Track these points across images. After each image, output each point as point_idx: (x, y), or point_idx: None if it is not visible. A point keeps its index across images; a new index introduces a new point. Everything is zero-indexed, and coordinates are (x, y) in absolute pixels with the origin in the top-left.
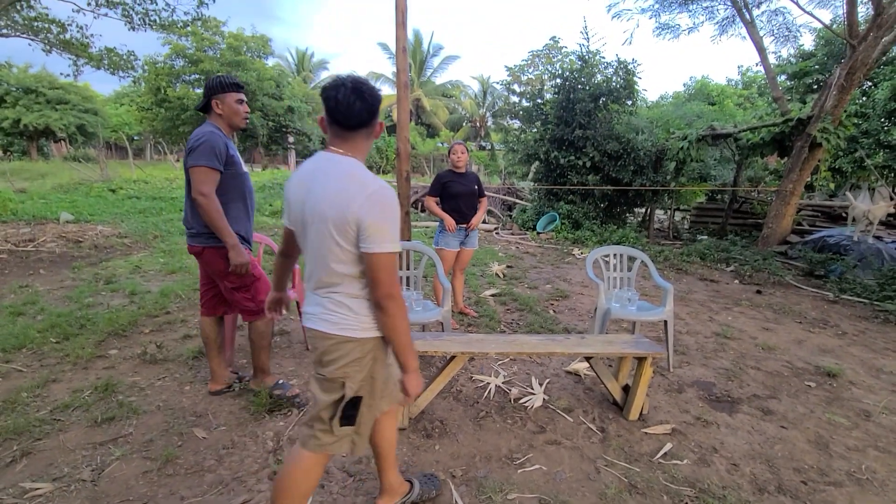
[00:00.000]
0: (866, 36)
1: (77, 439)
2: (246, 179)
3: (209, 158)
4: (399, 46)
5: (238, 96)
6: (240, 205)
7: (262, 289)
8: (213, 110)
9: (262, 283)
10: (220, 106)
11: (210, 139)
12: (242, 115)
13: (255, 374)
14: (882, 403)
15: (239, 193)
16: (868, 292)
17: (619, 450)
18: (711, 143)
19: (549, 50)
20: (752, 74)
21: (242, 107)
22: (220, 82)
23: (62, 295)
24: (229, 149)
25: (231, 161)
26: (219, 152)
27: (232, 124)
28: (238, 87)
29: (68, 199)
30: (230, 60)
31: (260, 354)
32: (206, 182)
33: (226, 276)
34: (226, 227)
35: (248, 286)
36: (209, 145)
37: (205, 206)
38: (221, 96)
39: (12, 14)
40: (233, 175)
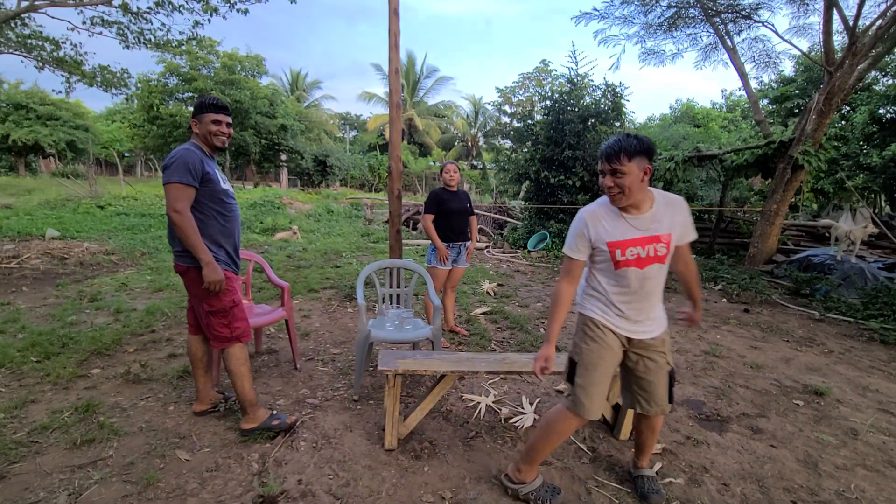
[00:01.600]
0: (842, 63)
1: (54, 462)
2: (227, 196)
3: (182, 175)
4: (391, 68)
5: (214, 117)
6: (220, 222)
7: (239, 315)
8: (192, 129)
9: (239, 310)
10: (198, 126)
11: (184, 155)
12: (216, 134)
13: (245, 410)
14: (869, 422)
15: (218, 211)
16: (853, 311)
17: (610, 470)
18: (697, 164)
19: (539, 73)
20: (736, 98)
21: (220, 127)
22: (199, 103)
23: (45, 313)
24: (205, 165)
25: (208, 178)
26: (193, 169)
27: (209, 143)
28: (216, 107)
29: (55, 215)
30: (224, 79)
31: (243, 384)
32: (179, 199)
33: (204, 298)
34: (199, 244)
35: (226, 311)
36: (182, 161)
37: (178, 223)
38: (199, 116)
39: (6, 31)
40: (211, 192)
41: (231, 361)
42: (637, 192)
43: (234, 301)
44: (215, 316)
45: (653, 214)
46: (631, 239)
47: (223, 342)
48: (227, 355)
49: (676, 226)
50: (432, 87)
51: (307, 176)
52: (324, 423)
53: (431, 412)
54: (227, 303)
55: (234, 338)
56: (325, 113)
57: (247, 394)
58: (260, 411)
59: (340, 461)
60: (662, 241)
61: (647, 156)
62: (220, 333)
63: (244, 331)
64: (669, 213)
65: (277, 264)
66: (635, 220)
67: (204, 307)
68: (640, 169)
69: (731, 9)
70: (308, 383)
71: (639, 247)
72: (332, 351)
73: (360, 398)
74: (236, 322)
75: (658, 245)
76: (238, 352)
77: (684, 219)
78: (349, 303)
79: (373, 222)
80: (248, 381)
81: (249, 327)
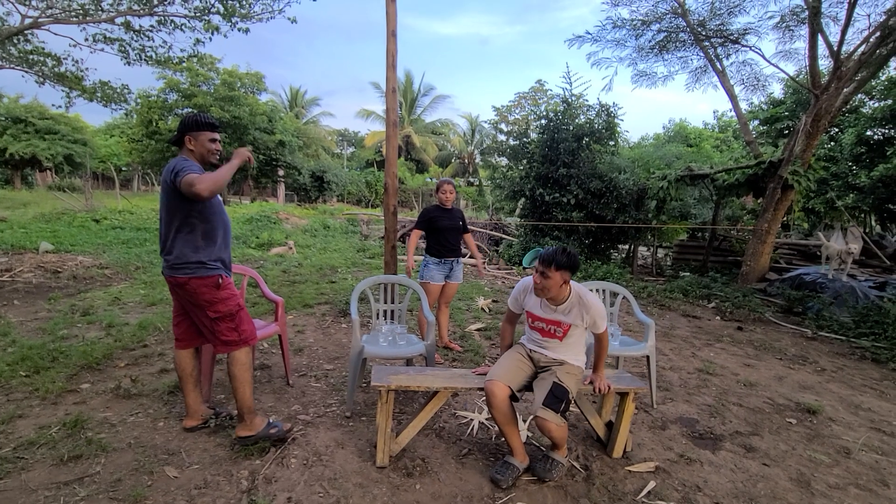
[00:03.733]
0: (828, 87)
1: (40, 479)
2: (221, 208)
3: (192, 169)
4: (389, 87)
5: (212, 135)
6: (219, 233)
7: (245, 318)
8: (186, 145)
9: (244, 313)
10: (193, 143)
11: (191, 165)
12: (214, 152)
13: (242, 417)
14: (861, 440)
15: (218, 220)
16: (844, 329)
17: (603, 488)
18: (690, 183)
19: (534, 92)
20: (728, 119)
21: (215, 145)
22: (195, 120)
23: (36, 327)
24: None
25: None
26: (199, 170)
27: (203, 160)
28: (213, 126)
29: (50, 228)
30: (224, 95)
31: (245, 390)
32: (196, 178)
33: (210, 305)
34: (227, 170)
35: (233, 315)
36: (190, 163)
37: (211, 188)
38: (195, 133)
39: (8, 47)
40: (211, 204)
41: (236, 366)
42: (554, 292)
43: (240, 304)
44: (223, 321)
45: (564, 308)
46: (540, 317)
47: (232, 346)
48: (233, 359)
49: (581, 320)
50: (430, 105)
51: (304, 191)
52: (315, 440)
53: (424, 429)
54: (234, 307)
55: (242, 341)
56: (324, 129)
57: (247, 400)
58: (257, 419)
59: (331, 479)
60: (562, 328)
61: (571, 270)
62: (229, 338)
63: (251, 334)
64: (580, 311)
65: (272, 279)
66: (547, 306)
67: (209, 314)
68: (562, 278)
69: (720, 34)
70: (300, 399)
71: (543, 323)
72: (326, 367)
73: (353, 414)
74: (243, 325)
75: (557, 329)
76: (244, 356)
77: (592, 316)
78: (343, 318)
79: (369, 238)
80: (250, 387)
81: (255, 330)
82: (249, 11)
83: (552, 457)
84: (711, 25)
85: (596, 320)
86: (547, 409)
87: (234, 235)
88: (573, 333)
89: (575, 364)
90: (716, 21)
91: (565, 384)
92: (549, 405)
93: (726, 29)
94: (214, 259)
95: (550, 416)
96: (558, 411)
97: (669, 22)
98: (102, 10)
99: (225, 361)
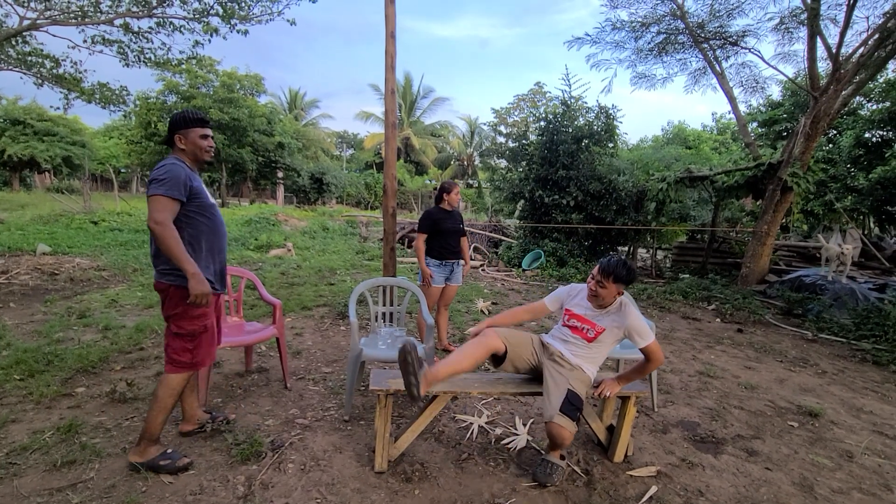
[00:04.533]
0: (827, 89)
1: (33, 485)
2: (214, 210)
3: (171, 188)
4: (388, 89)
5: (202, 131)
6: (209, 237)
7: (205, 341)
8: (177, 145)
9: (208, 336)
10: (184, 141)
11: (173, 169)
12: (206, 149)
13: (140, 441)
14: (864, 444)
15: (207, 226)
16: (845, 331)
17: (605, 493)
18: (689, 184)
19: (533, 94)
20: (726, 121)
21: (206, 142)
22: (183, 118)
23: (31, 329)
24: (192, 180)
25: (196, 192)
26: (181, 183)
27: (196, 159)
28: (202, 122)
29: (47, 230)
30: (223, 97)
31: (157, 417)
32: (161, 210)
33: (180, 318)
34: (183, 255)
35: (195, 336)
36: (172, 175)
37: (160, 234)
38: (185, 131)
39: (7, 49)
40: (200, 206)
41: (163, 388)
42: (608, 300)
43: (206, 327)
44: (181, 339)
45: (604, 311)
46: (577, 314)
47: (178, 368)
48: (165, 381)
49: (617, 327)
50: (429, 107)
51: (303, 193)
52: (313, 445)
53: (423, 433)
54: (199, 327)
55: (191, 365)
56: (323, 131)
57: (154, 427)
58: (153, 448)
59: (329, 484)
60: (595, 330)
61: (627, 284)
62: (180, 359)
63: (204, 357)
64: (617, 318)
65: (271, 281)
66: (589, 307)
67: (172, 328)
68: (617, 290)
69: (719, 36)
70: (298, 403)
71: (577, 321)
72: (324, 370)
73: (351, 418)
74: (201, 348)
75: (590, 329)
76: (177, 382)
77: (628, 328)
78: (342, 321)
79: (368, 240)
80: (165, 415)
81: (213, 352)
82: (248, 13)
83: (550, 460)
84: (710, 27)
85: (633, 332)
86: (564, 416)
87: (233, 237)
88: (603, 340)
89: (587, 373)
90: (715, 23)
91: (579, 392)
92: (567, 412)
93: (725, 31)
94: (204, 270)
95: (567, 423)
96: (574, 419)
97: (668, 24)
98: (101, 11)
99: (224, 363)
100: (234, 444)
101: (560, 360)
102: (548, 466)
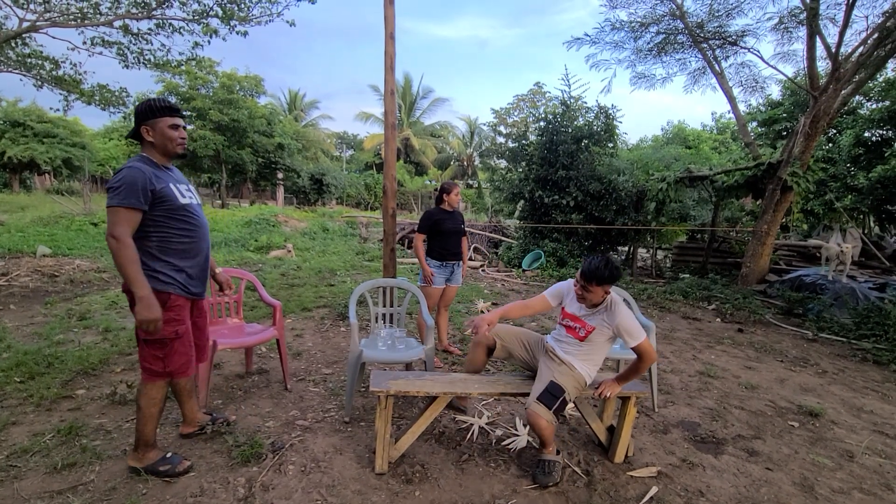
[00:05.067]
0: (826, 88)
1: (33, 487)
2: (189, 212)
3: (126, 197)
4: (387, 90)
5: (172, 121)
6: (180, 242)
7: (178, 349)
8: (144, 137)
9: (180, 343)
10: (151, 133)
11: (129, 175)
12: (178, 140)
13: (137, 447)
14: (864, 444)
15: (178, 229)
16: (845, 331)
17: (605, 494)
18: (689, 184)
19: (533, 94)
20: (726, 120)
21: (177, 132)
22: (149, 106)
23: (31, 331)
24: (157, 182)
25: (162, 196)
26: (141, 190)
27: (167, 152)
28: (172, 110)
29: (47, 232)
30: (223, 98)
31: (146, 425)
32: (118, 223)
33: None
34: (136, 276)
35: (164, 343)
36: (128, 183)
37: (114, 250)
38: (152, 122)
39: (6, 51)
40: (167, 210)
41: (143, 399)
42: (596, 301)
43: (178, 333)
44: (150, 346)
45: (595, 311)
46: (570, 314)
47: (153, 377)
48: (143, 391)
49: (607, 326)
50: (429, 108)
51: (303, 194)
52: (313, 446)
53: (423, 434)
54: (169, 334)
55: (165, 374)
56: (323, 132)
57: (145, 435)
58: (152, 453)
59: (329, 486)
60: (585, 329)
61: (611, 283)
62: (152, 367)
63: (181, 367)
64: (607, 316)
65: (271, 283)
66: (582, 308)
67: (140, 333)
68: (604, 291)
69: (718, 35)
70: (298, 404)
71: (570, 320)
72: (324, 371)
73: (352, 420)
74: (174, 356)
75: (581, 328)
76: (156, 392)
77: (618, 326)
78: (342, 322)
79: (368, 241)
80: (153, 422)
81: (191, 363)
82: (248, 15)
83: (545, 458)
84: (709, 27)
85: (622, 332)
86: (539, 404)
87: (233, 238)
88: (594, 339)
89: (579, 371)
90: (714, 23)
91: (561, 384)
92: (543, 400)
93: (724, 31)
94: (168, 272)
95: (542, 411)
96: (551, 408)
97: (668, 24)
98: (100, 13)
99: (224, 365)
100: (234, 445)
101: (552, 355)
102: (546, 466)
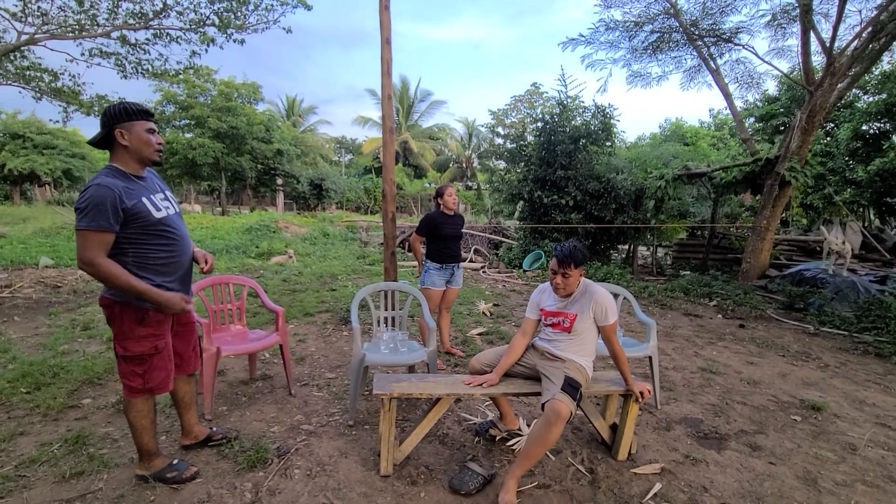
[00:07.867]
0: (822, 83)
1: (42, 497)
2: (166, 225)
3: (94, 219)
4: (384, 94)
5: (148, 125)
6: (157, 257)
7: (158, 365)
8: (118, 142)
9: (160, 359)
10: (127, 136)
11: (94, 196)
12: (154, 146)
13: (141, 457)
14: (867, 436)
15: (155, 245)
16: (846, 324)
17: (609, 492)
18: (687, 181)
19: (530, 95)
20: (724, 117)
21: (154, 137)
22: (124, 108)
23: (36, 342)
24: (128, 199)
25: (135, 212)
26: (111, 209)
27: (142, 158)
28: (147, 114)
29: (49, 243)
30: (221, 106)
31: (142, 437)
32: (89, 247)
33: (121, 340)
34: (133, 286)
35: (143, 359)
36: (93, 203)
37: (94, 275)
38: (128, 125)
39: (5, 64)
40: (142, 227)
41: (131, 413)
42: (572, 287)
43: (157, 348)
44: (128, 362)
45: (571, 298)
46: (550, 311)
47: (133, 393)
48: (129, 406)
49: (588, 308)
50: (426, 111)
51: (303, 199)
52: (318, 450)
53: (427, 436)
54: (148, 349)
55: (146, 390)
56: (321, 137)
57: (144, 445)
58: (157, 460)
59: (335, 489)
60: (568, 318)
61: (586, 262)
62: (131, 383)
63: (160, 383)
64: (586, 300)
65: (273, 289)
66: (557, 299)
67: (117, 349)
68: (580, 273)
69: (712, 33)
70: (303, 409)
71: (553, 317)
72: (328, 375)
73: (356, 423)
74: (153, 372)
75: (564, 319)
76: (143, 405)
77: (600, 305)
78: (345, 326)
79: (368, 245)
80: (148, 433)
81: (170, 377)
82: (244, 23)
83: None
84: (704, 25)
85: (602, 307)
86: (565, 394)
87: (234, 245)
88: (579, 328)
89: (580, 363)
90: (708, 20)
91: (576, 379)
92: (568, 392)
93: (719, 28)
94: None
95: (568, 400)
96: (574, 398)
97: (662, 22)
98: (98, 24)
99: (228, 371)
100: (240, 451)
101: (550, 356)
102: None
